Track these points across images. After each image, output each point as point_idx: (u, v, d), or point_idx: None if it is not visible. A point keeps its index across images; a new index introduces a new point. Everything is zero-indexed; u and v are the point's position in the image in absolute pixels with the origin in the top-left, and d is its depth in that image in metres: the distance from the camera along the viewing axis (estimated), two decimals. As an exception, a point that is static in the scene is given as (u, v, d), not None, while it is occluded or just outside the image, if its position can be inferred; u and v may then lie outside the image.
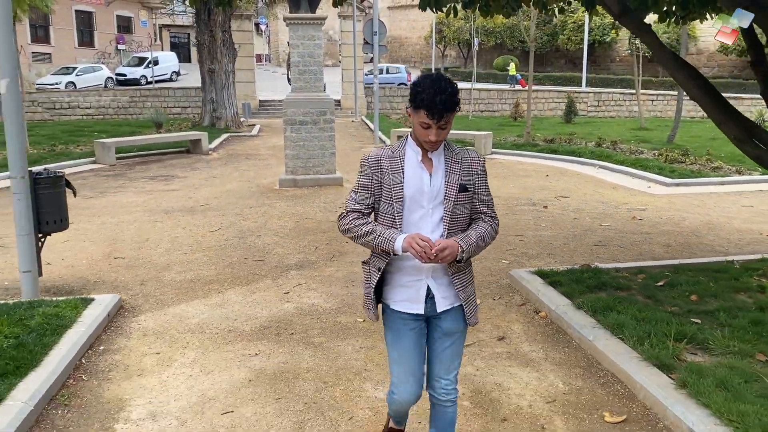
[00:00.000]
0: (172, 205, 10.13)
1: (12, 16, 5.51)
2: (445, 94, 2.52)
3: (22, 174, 5.50)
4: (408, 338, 2.81)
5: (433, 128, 2.58)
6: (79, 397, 4.01)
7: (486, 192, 2.81)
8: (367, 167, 2.75)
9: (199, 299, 5.81)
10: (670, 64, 5.39)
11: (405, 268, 2.76)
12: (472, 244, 2.67)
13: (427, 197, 2.69)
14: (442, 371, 2.87)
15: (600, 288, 5.63)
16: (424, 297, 2.77)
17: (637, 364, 4.17)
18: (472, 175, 2.76)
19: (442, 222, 2.71)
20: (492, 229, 2.78)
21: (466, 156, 2.77)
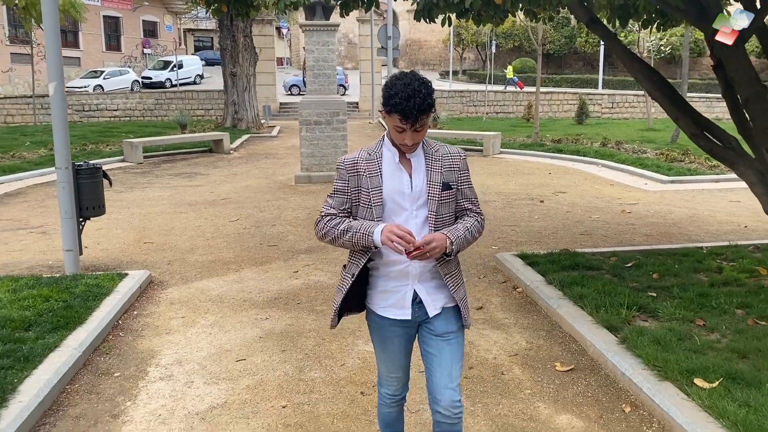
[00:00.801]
0: (195, 198, 10.96)
1: (59, 26, 6.34)
2: (418, 97, 2.42)
3: (66, 165, 6.33)
4: (395, 344, 2.75)
5: (408, 132, 2.49)
6: (117, 348, 4.80)
7: (470, 188, 2.73)
8: (343, 171, 2.64)
9: (219, 276, 6.60)
10: (631, 64, 6.08)
11: (390, 273, 2.66)
12: (460, 236, 2.58)
13: (409, 199, 2.60)
14: (445, 378, 2.65)
15: (573, 268, 6.32)
16: (411, 302, 2.66)
17: (590, 327, 4.87)
18: (454, 172, 2.66)
19: (427, 223, 2.60)
20: (479, 224, 2.70)
21: (446, 152, 2.67)
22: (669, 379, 3.96)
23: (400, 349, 2.76)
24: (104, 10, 41.19)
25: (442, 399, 2.63)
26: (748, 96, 5.41)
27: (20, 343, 4.43)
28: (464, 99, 31.23)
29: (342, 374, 4.35)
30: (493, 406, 3.92)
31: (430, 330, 2.69)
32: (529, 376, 4.33)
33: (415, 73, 2.49)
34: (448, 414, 2.63)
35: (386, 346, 2.76)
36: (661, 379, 3.99)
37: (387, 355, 2.79)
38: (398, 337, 2.73)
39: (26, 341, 4.48)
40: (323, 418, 3.77)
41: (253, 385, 4.20)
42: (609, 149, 16.53)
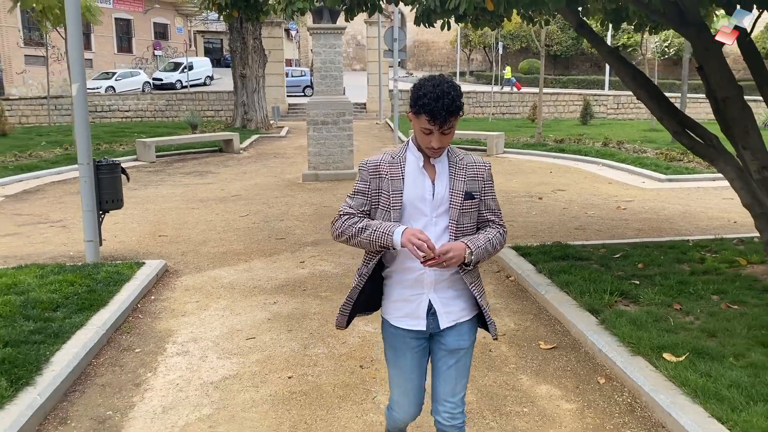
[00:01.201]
0: (206, 195, 11.39)
1: (81, 30, 6.78)
2: (448, 98, 2.40)
3: (88, 161, 6.76)
4: (408, 358, 2.69)
5: (435, 134, 2.46)
6: (137, 328, 5.22)
7: (493, 199, 2.67)
8: (365, 172, 2.63)
9: (230, 266, 7.01)
10: (618, 67, 6.46)
11: (404, 282, 2.63)
12: (480, 246, 2.53)
13: (430, 205, 2.56)
14: (447, 393, 2.69)
15: (563, 258, 6.69)
16: (426, 312, 2.63)
17: (573, 310, 5.25)
18: (477, 182, 2.62)
19: (447, 231, 2.57)
20: (500, 236, 2.64)
21: (471, 162, 2.63)
22: (641, 354, 4.34)
23: (414, 364, 2.70)
24: (116, 13, 41.79)
25: (443, 411, 2.69)
26: (725, 97, 5.77)
27: (50, 322, 4.86)
28: (470, 100, 31.58)
29: (343, 351, 4.75)
30: (480, 378, 4.31)
31: (441, 344, 2.67)
32: (514, 353, 4.72)
33: (444, 76, 2.47)
34: (447, 424, 2.69)
35: (399, 359, 2.71)
36: (634, 354, 4.37)
37: (400, 370, 2.72)
38: (411, 350, 2.67)
39: (55, 320, 4.90)
40: (325, 387, 4.17)
41: (262, 359, 4.61)
42: (610, 149, 16.87)
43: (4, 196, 11.56)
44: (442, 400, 2.68)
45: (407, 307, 2.63)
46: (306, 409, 3.89)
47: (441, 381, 2.69)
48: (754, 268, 6.30)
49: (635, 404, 3.95)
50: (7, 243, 8.01)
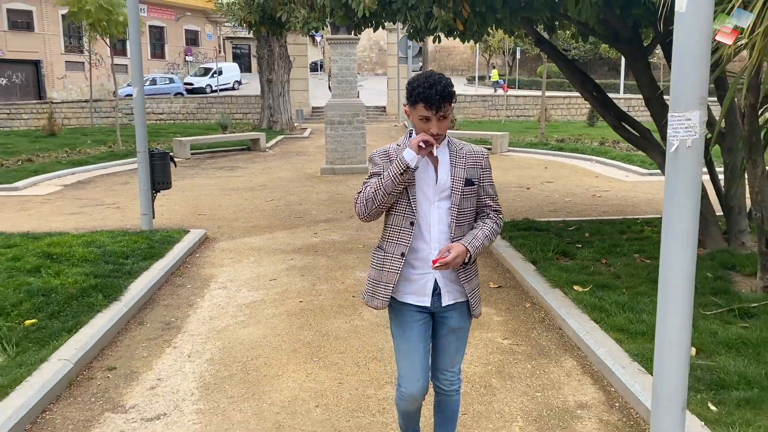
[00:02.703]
0: (237, 185, 13.08)
1: (140, 42, 8.46)
2: (440, 85, 2.60)
3: (144, 150, 8.44)
4: (414, 331, 2.88)
5: (432, 120, 2.65)
6: (187, 273, 6.88)
7: (491, 185, 2.89)
8: (377, 158, 2.84)
9: (257, 236, 8.65)
10: (570, 74, 7.97)
11: (413, 262, 2.83)
12: (478, 246, 2.77)
13: (433, 190, 2.78)
14: (448, 364, 2.98)
15: (526, 229, 8.21)
16: (431, 290, 2.84)
17: (520, 262, 6.79)
18: (477, 169, 2.83)
19: (449, 213, 2.78)
20: (497, 225, 2.87)
21: (470, 151, 2.85)
22: (558, 287, 5.88)
23: (419, 336, 2.88)
24: (150, 20, 43.94)
25: (444, 378, 3.00)
26: (649, 96, 7.26)
27: (123, 265, 6.53)
28: (486, 103, 33.09)
29: (341, 287, 6.34)
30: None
31: (444, 321, 2.91)
32: (470, 290, 6.28)
33: (433, 71, 2.71)
34: (447, 389, 3.03)
35: (406, 332, 2.89)
36: (553, 287, 5.90)
37: (407, 343, 2.89)
38: (416, 323, 2.87)
39: (126, 264, 6.57)
40: (325, 307, 5.77)
41: (281, 291, 6.22)
42: (605, 147, 18.27)
43: (63, 185, 13.37)
44: (443, 369, 3.00)
45: (414, 285, 2.84)
46: (311, 318, 5.50)
47: (442, 354, 2.97)
48: (679, 237, 7.75)
49: (546, 318, 5.49)
50: (75, 219, 9.74)
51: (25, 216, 10.02)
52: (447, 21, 7.15)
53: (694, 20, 2.63)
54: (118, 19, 17.57)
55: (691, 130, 2.71)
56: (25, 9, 37.15)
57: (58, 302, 5.37)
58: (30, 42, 37.57)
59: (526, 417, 3.85)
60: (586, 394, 4.15)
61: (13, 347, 4.57)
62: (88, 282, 5.85)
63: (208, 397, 4.11)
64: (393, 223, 2.83)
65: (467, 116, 30.74)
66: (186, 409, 3.97)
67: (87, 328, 4.97)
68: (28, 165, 15.56)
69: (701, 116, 2.70)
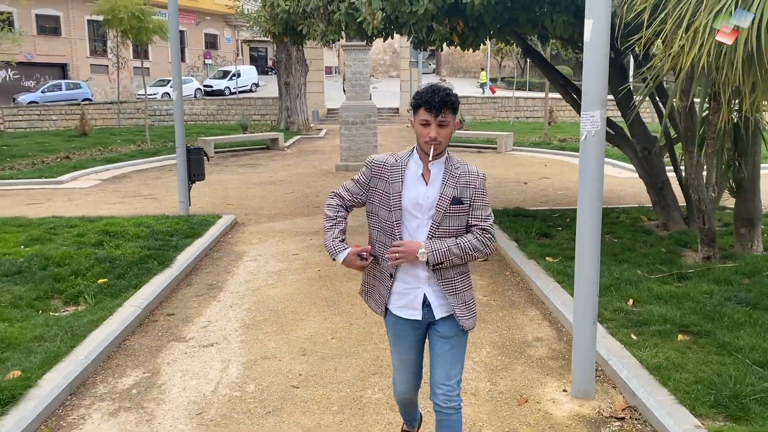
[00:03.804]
0: (259, 180, 14.32)
1: (179, 49, 9.70)
2: (442, 92, 2.70)
3: (182, 146, 9.68)
4: (405, 343, 2.99)
5: (432, 124, 2.71)
6: (222, 249, 8.09)
7: (482, 207, 2.86)
8: (368, 170, 2.91)
9: (280, 221, 9.85)
10: (553, 78, 9.09)
11: (403, 276, 2.88)
12: (439, 249, 2.76)
13: (422, 209, 2.82)
14: (443, 377, 2.90)
15: (516, 216, 9.35)
16: (421, 304, 2.88)
17: (506, 241, 7.93)
18: (469, 189, 2.83)
19: (428, 230, 2.82)
20: (477, 241, 2.83)
21: (465, 171, 2.85)
22: (533, 258, 7.03)
23: (411, 347, 3.00)
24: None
25: (439, 394, 2.90)
26: (618, 99, 8.37)
27: (169, 241, 7.75)
28: (496, 105, 34.17)
29: (353, 260, 7.53)
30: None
31: (437, 332, 2.92)
32: (461, 263, 7.45)
33: (438, 83, 2.83)
34: (444, 406, 2.91)
35: (398, 343, 3.01)
36: (529, 258, 7.06)
37: (400, 354, 3.03)
38: (408, 336, 2.97)
39: (172, 241, 7.80)
40: (340, 275, 6.95)
41: (302, 263, 7.42)
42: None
43: (101, 179, 14.67)
44: (439, 383, 2.90)
45: (405, 298, 2.90)
46: (327, 282, 6.69)
47: (437, 366, 2.92)
48: (648, 222, 8.87)
49: (521, 281, 6.65)
50: (118, 207, 11.01)
51: (73, 205, 11.29)
52: (444, 34, 8.33)
53: (595, 48, 3.80)
54: (148, 26, 18.90)
55: (595, 123, 3.86)
56: (53, 14, 38.78)
57: (122, 267, 6.61)
58: (57, 46, 39.19)
59: (493, 345, 5.02)
60: (542, 332, 5.31)
61: (92, 299, 5.80)
62: (143, 253, 7.09)
63: (248, 333, 5.31)
64: (381, 240, 2.92)
65: (475, 117, 31.82)
66: (232, 340, 5.17)
67: (147, 286, 6.18)
68: (66, 162, 16.91)
69: (602, 113, 3.86)
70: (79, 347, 4.70)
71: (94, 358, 4.61)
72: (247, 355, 4.87)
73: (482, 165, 16.33)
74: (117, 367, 4.70)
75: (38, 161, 16.96)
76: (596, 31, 3.78)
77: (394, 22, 8.29)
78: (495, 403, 4.11)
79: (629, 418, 3.88)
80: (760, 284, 5.81)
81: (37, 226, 8.47)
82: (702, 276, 6.14)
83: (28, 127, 28.47)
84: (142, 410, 4.06)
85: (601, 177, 3.99)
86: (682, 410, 3.72)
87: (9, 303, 5.57)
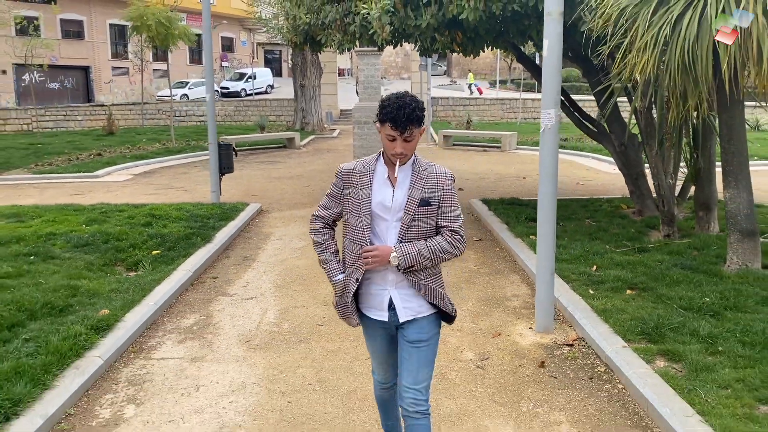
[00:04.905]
0: (278, 175, 15.56)
1: (212, 53, 10.93)
2: (408, 108, 2.71)
3: (214, 142, 10.92)
4: (377, 341, 3.10)
5: (398, 140, 2.75)
6: (252, 230, 9.32)
7: (451, 207, 2.89)
8: (339, 180, 2.98)
9: (300, 209, 11.07)
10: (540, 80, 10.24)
11: (372, 278, 2.95)
12: (409, 253, 2.82)
13: (390, 211, 2.87)
14: (411, 382, 2.93)
15: (510, 205, 10.52)
16: (387, 306, 2.94)
17: (497, 224, 9.11)
18: (437, 190, 2.86)
19: (398, 232, 2.87)
20: (446, 243, 2.87)
21: (432, 173, 2.87)
22: (519, 237, 8.20)
23: (383, 345, 3.09)
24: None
25: (406, 398, 2.93)
26: (599, 100, 9.50)
27: (206, 223, 8.99)
28: (504, 106, 35.33)
29: (365, 240, 8.74)
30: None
31: (404, 336, 2.96)
32: (459, 242, 8.63)
33: (408, 93, 2.79)
34: (411, 410, 2.93)
35: (370, 341, 3.13)
36: (516, 237, 8.23)
37: (373, 349, 3.15)
38: (379, 335, 3.07)
39: (209, 222, 9.04)
40: (353, 250, 8.14)
41: (321, 241, 8.62)
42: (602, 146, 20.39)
43: (133, 174, 15.97)
44: (406, 387, 2.93)
45: (374, 300, 2.98)
46: (343, 255, 7.89)
47: (405, 370, 2.95)
48: (626, 210, 10.00)
49: (507, 255, 7.82)
50: (154, 197, 12.27)
51: (113, 196, 12.56)
52: (446, 44, 9.52)
53: (550, 62, 4.97)
54: (174, 32, 20.20)
55: (551, 119, 5.04)
56: (76, 19, 40.25)
57: (171, 241, 7.85)
58: (80, 49, 40.64)
59: (478, 299, 6.20)
60: (520, 291, 6.48)
61: (150, 265, 7.03)
62: (187, 231, 8.34)
63: (280, 291, 6.52)
64: (351, 249, 2.99)
65: (483, 118, 32.97)
66: (268, 295, 6.39)
67: (194, 256, 7.41)
68: (99, 159, 18.22)
69: (556, 111, 5.03)
70: (148, 297, 5.93)
71: (160, 305, 5.83)
72: (281, 305, 6.09)
73: (486, 162, 17.53)
74: (178, 312, 5.93)
75: (73, 158, 18.28)
76: (550, 49, 4.95)
77: (401, 34, 9.47)
78: (475, 336, 5.30)
79: (577, 345, 5.06)
80: (705, 255, 6.96)
81: (91, 210, 9.74)
82: (659, 249, 7.29)
83: (54, 127, 29.88)
84: (203, 339, 5.28)
85: (555, 160, 5.17)
86: (616, 338, 4.89)
87: (84, 267, 6.82)
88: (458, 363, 4.77)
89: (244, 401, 4.23)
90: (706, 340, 4.69)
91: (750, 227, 6.33)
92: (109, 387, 4.44)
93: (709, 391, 3.95)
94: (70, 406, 4.10)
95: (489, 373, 4.62)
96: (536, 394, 4.29)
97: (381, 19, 8.58)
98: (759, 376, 4.07)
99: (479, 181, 14.23)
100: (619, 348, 4.71)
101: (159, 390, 4.39)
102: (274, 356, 4.94)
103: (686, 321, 5.04)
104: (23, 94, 37.87)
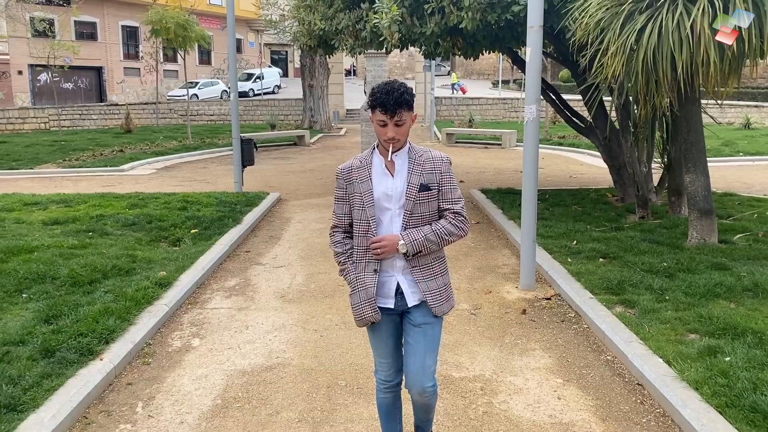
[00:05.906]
0: (292, 169, 16.66)
1: (235, 54, 12.03)
2: (396, 92, 2.78)
3: (237, 137, 12.03)
4: (382, 329, 3.08)
5: (389, 125, 2.82)
6: (274, 215, 10.42)
7: (451, 190, 2.95)
8: (341, 180, 3.03)
9: (315, 198, 12.17)
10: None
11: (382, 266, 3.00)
12: (416, 239, 2.88)
13: (392, 200, 2.93)
14: (418, 366, 2.99)
15: (506, 193, 11.60)
16: (394, 292, 2.99)
17: (494, 209, 10.20)
18: (435, 174, 2.93)
19: (402, 220, 2.92)
20: (451, 225, 2.93)
21: (429, 157, 2.94)
22: (512, 219, 9.28)
23: (387, 334, 3.10)
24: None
25: (415, 384, 3.02)
26: (587, 99, 10.56)
27: (234, 208, 10.09)
28: (507, 105, 36.43)
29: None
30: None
31: (410, 320, 3.03)
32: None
33: (396, 80, 2.90)
34: (420, 395, 3.06)
35: (375, 330, 3.11)
36: (509, 219, 9.32)
37: (377, 340, 3.13)
38: (384, 323, 3.07)
39: (237, 208, 10.14)
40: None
41: (337, 224, 9.72)
42: (597, 143, 21.46)
43: (155, 169, 17.09)
44: (414, 375, 3.00)
45: (382, 288, 3.01)
46: (357, 234, 8.99)
47: (411, 356, 3.01)
48: (611, 198, 11.07)
49: (501, 235, 8.91)
50: (181, 188, 13.37)
51: (142, 187, 13.67)
52: (448, 48, 10.61)
53: (532, 65, 6.05)
54: (191, 35, 21.32)
55: (532, 113, 6.12)
56: (90, 21, 41.44)
57: (206, 222, 8.96)
58: (94, 50, 41.81)
59: (473, 267, 7.29)
60: (510, 261, 7.57)
61: (190, 242, 8.13)
62: (219, 214, 9.45)
63: (305, 261, 7.62)
64: (359, 244, 3.05)
65: (485, 117, 34.03)
66: (295, 264, 7.49)
67: (227, 235, 8.51)
68: (121, 154, 19.35)
69: (537, 107, 6.12)
70: (195, 263, 7.03)
71: (206, 270, 6.94)
72: (307, 271, 7.19)
73: (487, 158, 18.63)
74: (221, 277, 7.04)
75: (97, 154, 19.41)
76: (532, 56, 6.03)
77: (408, 39, 10.55)
78: (469, 293, 6.39)
79: (554, 299, 6.15)
80: (672, 233, 8.03)
81: (129, 197, 10.86)
82: (632, 228, 8.37)
83: (71, 126, 31.03)
84: (245, 295, 6.39)
85: (536, 146, 6.24)
86: (585, 292, 5.98)
87: (135, 242, 7.93)
88: (455, 311, 5.85)
89: (286, 335, 5.33)
90: (657, 293, 5.77)
91: (707, 207, 7.40)
92: (176, 327, 5.55)
93: (652, 326, 5.03)
94: (149, 338, 5.21)
95: (480, 318, 5.71)
96: (517, 332, 5.38)
97: (390, 28, 9.66)
98: (693, 316, 5.15)
99: (479, 174, 15.31)
100: (587, 299, 5.80)
101: (216, 329, 5.49)
102: (306, 307, 6.04)
103: (644, 279, 6.12)
104: (38, 94, 39.10)
